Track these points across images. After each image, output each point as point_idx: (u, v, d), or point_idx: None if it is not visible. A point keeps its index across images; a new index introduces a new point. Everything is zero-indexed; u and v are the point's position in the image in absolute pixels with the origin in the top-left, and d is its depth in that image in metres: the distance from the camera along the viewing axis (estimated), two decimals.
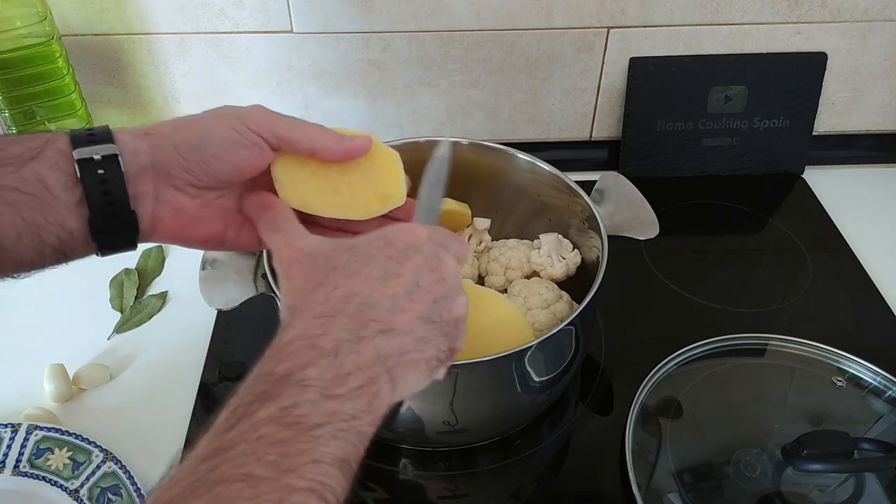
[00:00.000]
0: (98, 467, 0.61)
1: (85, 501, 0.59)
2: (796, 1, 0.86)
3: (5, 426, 0.63)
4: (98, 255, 0.44)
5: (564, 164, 0.69)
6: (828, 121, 0.97)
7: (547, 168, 0.68)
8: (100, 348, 0.73)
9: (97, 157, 0.41)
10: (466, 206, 0.72)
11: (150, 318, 0.77)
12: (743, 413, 0.66)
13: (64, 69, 0.80)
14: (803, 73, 0.91)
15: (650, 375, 0.66)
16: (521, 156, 0.70)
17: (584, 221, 0.67)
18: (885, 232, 0.88)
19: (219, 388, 0.69)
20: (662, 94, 0.91)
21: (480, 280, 0.72)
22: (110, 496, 0.59)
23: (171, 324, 0.76)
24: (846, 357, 0.68)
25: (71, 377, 0.69)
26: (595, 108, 0.95)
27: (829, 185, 0.95)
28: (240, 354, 0.72)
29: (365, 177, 0.48)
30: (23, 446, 0.62)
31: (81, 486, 0.60)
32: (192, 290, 0.58)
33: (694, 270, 0.83)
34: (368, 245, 0.41)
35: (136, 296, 0.78)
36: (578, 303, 0.60)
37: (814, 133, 0.95)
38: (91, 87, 0.89)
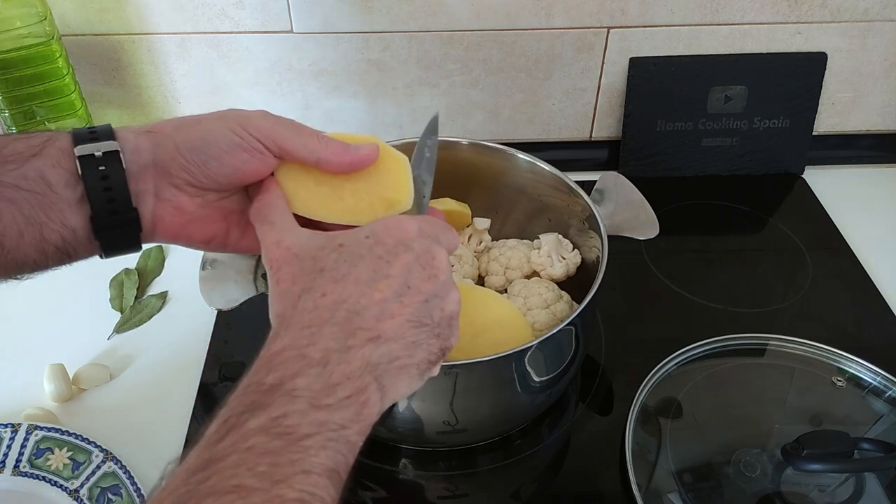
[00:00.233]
0: (98, 467, 0.61)
1: (85, 501, 0.59)
2: (796, 1, 0.86)
3: (5, 426, 0.63)
4: (102, 257, 0.44)
5: (564, 164, 0.69)
6: (828, 121, 0.97)
7: (547, 168, 0.68)
8: (100, 348, 0.73)
9: (98, 153, 0.41)
10: (466, 206, 0.72)
11: (150, 318, 0.77)
12: (743, 413, 0.66)
13: (64, 69, 0.80)
14: (803, 73, 0.91)
15: (650, 375, 0.66)
16: (521, 156, 0.70)
17: (584, 221, 0.67)
18: (885, 232, 0.88)
19: (219, 388, 0.69)
20: (662, 94, 0.91)
21: (480, 280, 0.72)
22: (110, 496, 0.59)
23: (171, 324, 0.76)
24: (846, 357, 0.68)
25: (71, 377, 0.69)
26: (595, 108, 0.95)
27: (829, 185, 0.95)
28: (240, 354, 0.72)
29: (371, 182, 0.47)
30: (23, 446, 0.62)
31: (81, 486, 0.60)
32: (192, 290, 0.58)
33: (694, 270, 0.83)
34: (357, 244, 0.40)
35: (136, 296, 0.78)
36: (578, 303, 0.60)
37: (814, 133, 0.95)
38: (91, 87, 0.89)
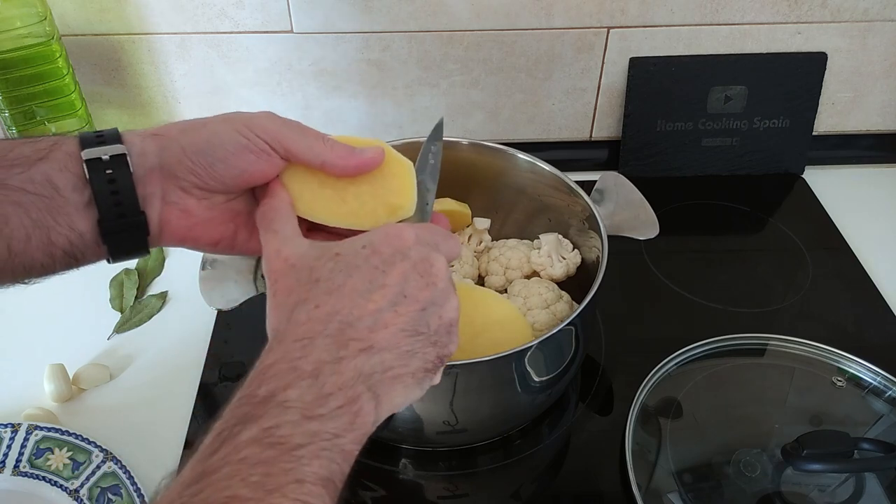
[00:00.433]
0: (98, 467, 0.61)
1: (85, 501, 0.59)
2: (796, 1, 0.86)
3: (5, 426, 0.63)
4: (109, 262, 0.44)
5: (564, 164, 0.69)
6: (828, 121, 0.97)
7: (547, 168, 0.68)
8: (100, 348, 0.73)
9: (105, 157, 0.41)
10: (466, 206, 0.72)
11: (150, 318, 0.77)
12: (743, 413, 0.66)
13: (64, 69, 0.80)
14: (803, 73, 0.91)
15: (650, 375, 0.66)
16: (521, 156, 0.70)
17: (584, 221, 0.67)
18: (885, 232, 0.88)
19: (219, 388, 0.69)
20: (662, 94, 0.91)
21: (480, 280, 0.72)
22: (110, 496, 0.59)
23: (171, 324, 0.76)
24: (846, 357, 0.68)
25: (71, 377, 0.69)
26: (595, 108, 0.95)
27: (829, 185, 0.95)
28: (240, 354, 0.72)
29: (374, 186, 0.47)
30: (23, 446, 0.62)
31: (81, 486, 0.60)
32: (192, 290, 0.58)
33: (694, 270, 0.83)
34: (354, 253, 0.40)
35: (136, 296, 0.78)
36: (578, 303, 0.60)
37: (814, 133, 0.95)
38: (91, 87, 0.89)
